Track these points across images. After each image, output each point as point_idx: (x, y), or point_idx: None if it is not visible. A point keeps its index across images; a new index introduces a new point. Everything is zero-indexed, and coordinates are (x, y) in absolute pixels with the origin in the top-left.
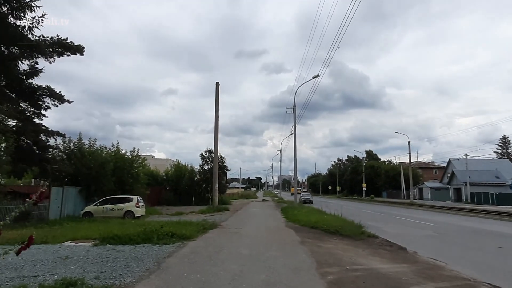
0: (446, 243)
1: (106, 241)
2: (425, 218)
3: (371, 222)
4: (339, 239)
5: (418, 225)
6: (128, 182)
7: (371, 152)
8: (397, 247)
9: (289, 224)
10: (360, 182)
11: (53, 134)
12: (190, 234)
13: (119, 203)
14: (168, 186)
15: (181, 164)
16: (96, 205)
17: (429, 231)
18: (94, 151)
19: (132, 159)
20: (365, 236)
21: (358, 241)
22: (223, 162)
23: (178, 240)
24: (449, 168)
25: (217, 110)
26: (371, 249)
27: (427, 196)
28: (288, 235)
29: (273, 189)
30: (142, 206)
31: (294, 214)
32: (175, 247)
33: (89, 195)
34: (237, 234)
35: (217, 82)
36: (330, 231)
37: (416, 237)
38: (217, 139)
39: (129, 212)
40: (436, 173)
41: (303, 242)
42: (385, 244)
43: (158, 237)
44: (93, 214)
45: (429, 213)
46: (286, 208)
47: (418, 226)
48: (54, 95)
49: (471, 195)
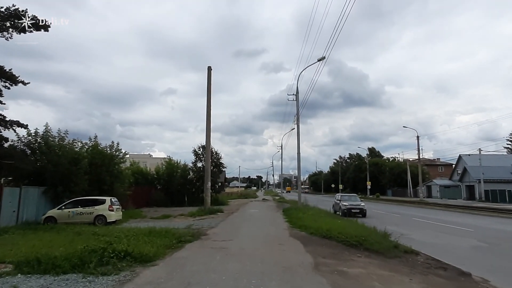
0: (509, 259)
1: (23, 266)
2: (450, 221)
3: (391, 226)
4: (366, 257)
5: (449, 230)
6: (106, 181)
7: (373, 149)
8: (455, 271)
9: (294, 232)
10: (363, 180)
11: (12, 125)
12: (154, 253)
13: (88, 205)
14: (159, 185)
15: (173, 161)
16: (61, 208)
17: (472, 240)
18: (65, 145)
19: (112, 154)
20: (400, 252)
21: (393, 260)
22: (218, 158)
23: (130, 265)
24: (459, 164)
25: (209, 98)
26: (419, 275)
27: (436, 194)
28: (294, 251)
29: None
30: (118, 209)
31: (299, 217)
32: (116, 281)
33: (57, 197)
34: (223, 250)
35: (209, 66)
36: (350, 243)
37: (460, 249)
38: (209, 131)
39: (100, 217)
40: (442, 170)
41: (318, 266)
42: (434, 265)
43: (99, 260)
44: (56, 219)
45: (448, 213)
46: (289, 209)
47: (451, 232)
48: (3, 75)
49: (485, 193)
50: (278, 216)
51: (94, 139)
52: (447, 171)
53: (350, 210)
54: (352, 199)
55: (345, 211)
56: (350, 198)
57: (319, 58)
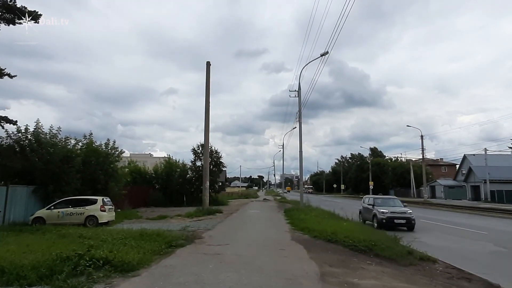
0: None
1: None
2: (460, 222)
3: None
4: (377, 265)
5: (461, 233)
6: (100, 180)
7: (376, 149)
8: (481, 282)
9: (296, 235)
10: (366, 180)
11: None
12: (139, 261)
13: (79, 206)
14: (157, 184)
15: (172, 160)
16: (50, 208)
17: (488, 244)
18: (57, 142)
19: (107, 152)
20: (415, 259)
21: (408, 269)
22: (218, 157)
23: (108, 275)
24: (464, 164)
25: (208, 93)
26: (439, 287)
27: (440, 195)
28: (297, 258)
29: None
30: (111, 210)
31: (301, 218)
32: None
33: (47, 197)
34: (217, 257)
35: (208, 62)
36: (359, 248)
37: (478, 254)
38: (207, 128)
39: (91, 218)
40: (445, 170)
41: (325, 277)
42: (456, 274)
43: (73, 270)
44: (45, 220)
45: (456, 214)
46: (291, 210)
47: (464, 235)
48: None
49: (491, 193)
50: (279, 217)
51: (89, 136)
52: (450, 171)
53: (392, 221)
54: (391, 203)
55: (383, 222)
56: (389, 202)
57: (322, 53)
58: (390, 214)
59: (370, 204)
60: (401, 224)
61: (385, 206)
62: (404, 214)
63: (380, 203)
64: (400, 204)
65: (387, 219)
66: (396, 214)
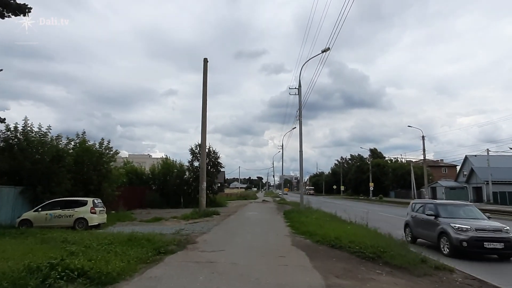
0: None
1: None
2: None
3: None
4: (388, 274)
5: None
6: (93, 180)
7: (375, 150)
8: None
9: (297, 240)
10: (366, 181)
11: None
12: (121, 271)
13: (68, 207)
14: (154, 185)
15: (169, 160)
16: (37, 210)
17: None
18: (47, 141)
19: (101, 152)
20: (430, 267)
21: (423, 280)
22: (216, 157)
23: None
24: (466, 165)
25: (205, 91)
26: None
27: (441, 196)
28: (299, 267)
29: (274, 189)
30: (102, 212)
31: (301, 221)
32: None
33: (36, 198)
34: (210, 266)
35: (205, 58)
36: (366, 256)
37: (496, 262)
38: (205, 127)
39: (81, 220)
40: (445, 171)
41: None
42: (478, 286)
43: (42, 282)
44: (32, 222)
45: None
46: (291, 212)
47: None
48: None
49: (493, 195)
50: (278, 219)
51: (82, 135)
52: (450, 173)
53: (481, 244)
54: (468, 212)
55: (462, 245)
56: (462, 211)
57: (323, 49)
58: (475, 233)
59: (431, 214)
60: (495, 250)
61: (459, 219)
62: (500, 233)
63: (450, 213)
64: (481, 214)
65: (470, 241)
66: (487, 234)
